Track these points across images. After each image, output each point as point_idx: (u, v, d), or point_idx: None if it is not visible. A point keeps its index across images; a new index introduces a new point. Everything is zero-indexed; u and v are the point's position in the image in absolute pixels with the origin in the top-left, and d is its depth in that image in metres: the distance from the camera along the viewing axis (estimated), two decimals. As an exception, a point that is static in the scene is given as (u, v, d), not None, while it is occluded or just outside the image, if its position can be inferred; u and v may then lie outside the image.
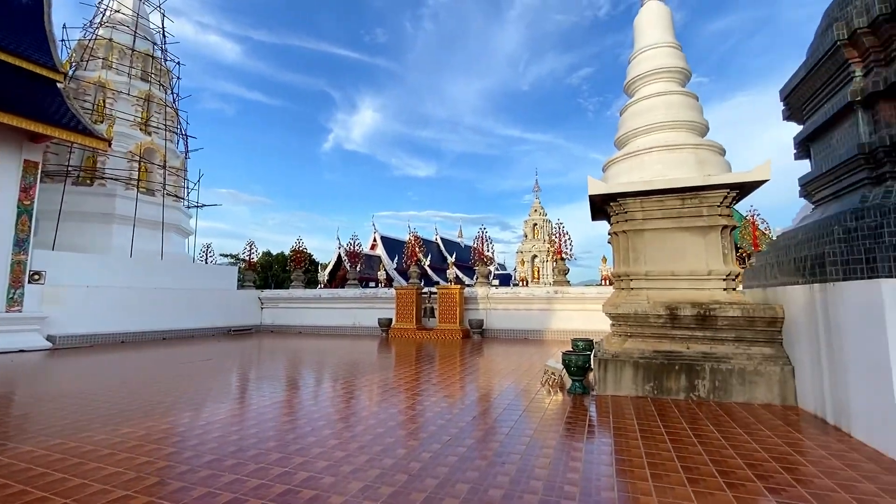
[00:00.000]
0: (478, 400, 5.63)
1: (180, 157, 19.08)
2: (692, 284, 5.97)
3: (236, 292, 18.33)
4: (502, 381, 6.91)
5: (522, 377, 7.17)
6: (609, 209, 6.65)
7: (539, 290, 14.96)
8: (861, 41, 5.55)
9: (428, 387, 6.45)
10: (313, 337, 15.76)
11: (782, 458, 3.54)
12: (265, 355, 10.27)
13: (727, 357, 5.51)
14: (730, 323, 5.59)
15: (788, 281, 5.96)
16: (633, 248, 6.27)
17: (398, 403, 5.44)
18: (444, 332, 14.40)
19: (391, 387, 6.44)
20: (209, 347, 11.86)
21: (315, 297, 17.94)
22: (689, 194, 6.00)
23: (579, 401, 5.51)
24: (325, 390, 6.29)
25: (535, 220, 38.45)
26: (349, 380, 7.03)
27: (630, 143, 6.76)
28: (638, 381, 5.71)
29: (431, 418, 4.75)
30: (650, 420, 4.64)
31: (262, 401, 5.60)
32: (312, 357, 9.90)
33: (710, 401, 5.42)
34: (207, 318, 16.34)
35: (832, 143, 6.33)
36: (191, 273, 16.79)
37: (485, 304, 15.41)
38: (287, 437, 4.10)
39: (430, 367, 8.27)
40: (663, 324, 5.86)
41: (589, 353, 5.95)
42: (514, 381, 6.81)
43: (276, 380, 7.11)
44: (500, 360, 9.14)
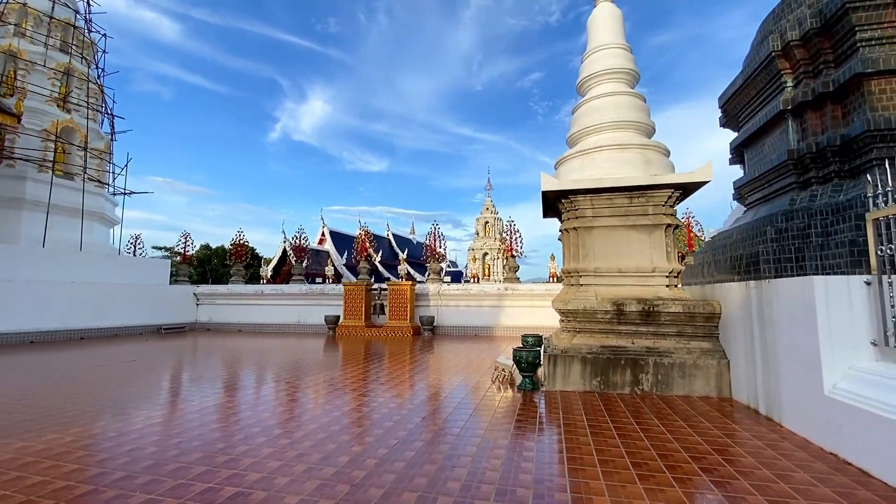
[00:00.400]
0: (427, 399, 5.44)
1: (105, 138, 17.36)
2: (638, 281, 6.12)
3: (169, 288, 16.98)
4: (452, 378, 6.77)
5: (473, 374, 7.07)
6: (561, 206, 6.68)
7: (490, 287, 15.03)
8: (793, 53, 5.89)
9: (375, 386, 6.18)
10: (254, 335, 14.90)
11: (724, 449, 3.64)
12: (198, 355, 9.51)
13: (669, 351, 5.69)
14: (672, 318, 5.78)
15: (725, 278, 6.25)
16: (583, 244, 6.34)
17: (343, 406, 5.14)
18: (395, 330, 14.11)
19: (336, 387, 6.11)
20: (135, 347, 10.83)
21: (256, 294, 17.00)
22: (637, 193, 6.13)
23: (529, 397, 5.48)
24: (263, 393, 5.84)
25: (486, 219, 38.91)
26: (290, 381, 6.60)
27: (581, 141, 6.82)
28: (586, 376, 5.76)
29: (378, 420, 4.50)
30: (598, 415, 4.67)
31: (191, 406, 5.09)
32: (252, 357, 9.29)
33: (653, 394, 5.57)
34: (135, 316, 15.00)
35: (764, 149, 6.71)
36: (116, 266, 15.33)
37: (436, 301, 15.27)
38: (216, 447, 3.70)
39: (378, 366, 7.98)
40: (610, 319, 5.95)
41: (539, 349, 5.94)
42: (465, 379, 6.69)
43: (208, 382, 6.55)
44: (450, 357, 9.02)
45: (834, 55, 5.61)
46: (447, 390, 5.91)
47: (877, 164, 5.00)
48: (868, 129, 4.95)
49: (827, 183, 5.52)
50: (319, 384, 6.33)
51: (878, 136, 4.96)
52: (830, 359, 3.61)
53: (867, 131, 4.96)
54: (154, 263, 17.30)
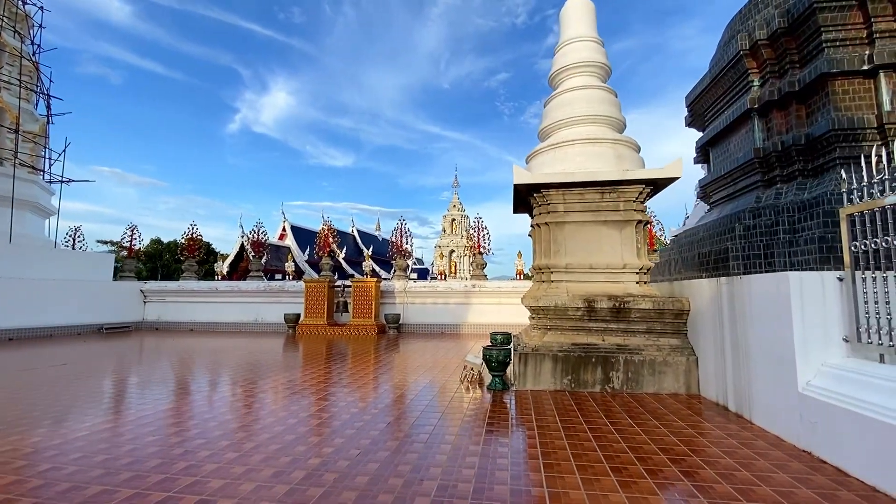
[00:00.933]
0: (392, 403, 5.12)
1: (40, 120, 15.85)
2: (608, 277, 6.03)
3: (112, 284, 15.75)
4: (419, 379, 6.47)
5: (440, 374, 6.81)
6: (532, 200, 6.51)
7: (457, 284, 14.82)
8: (760, 52, 5.94)
9: (337, 389, 5.80)
10: (208, 335, 14.03)
11: (700, 450, 3.53)
12: (140, 358, 8.75)
13: (639, 349, 5.62)
14: (642, 315, 5.72)
15: (693, 275, 6.26)
16: (555, 240, 6.19)
17: (300, 412, 4.74)
18: (359, 328, 13.65)
19: (294, 391, 5.68)
20: (70, 349, 9.88)
21: (211, 290, 16.05)
22: (608, 188, 6.04)
23: (500, 398, 5.26)
24: (211, 399, 5.34)
25: (453, 216, 38.74)
26: (243, 384, 6.11)
27: (553, 134, 6.68)
28: (557, 374, 5.61)
29: (340, 428, 4.15)
30: (570, 415, 4.50)
31: (125, 418, 4.55)
32: (202, 358, 8.63)
33: (623, 392, 5.49)
34: (73, 315, 13.79)
35: (730, 148, 6.78)
36: (51, 260, 14.03)
37: (402, 299, 14.90)
38: (147, 466, 3.24)
39: (340, 367, 7.57)
40: (581, 316, 5.83)
41: (509, 348, 5.74)
42: (432, 379, 6.41)
43: (148, 388, 5.95)
44: (417, 356, 8.72)
45: (800, 55, 5.69)
46: (413, 392, 5.61)
47: (840, 162, 5.10)
48: (832, 128, 5.03)
49: (791, 181, 5.61)
50: (275, 388, 5.87)
51: (841, 136, 5.05)
52: (804, 355, 3.58)
53: (831, 130, 5.04)
54: (95, 258, 16.00)
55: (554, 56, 7.18)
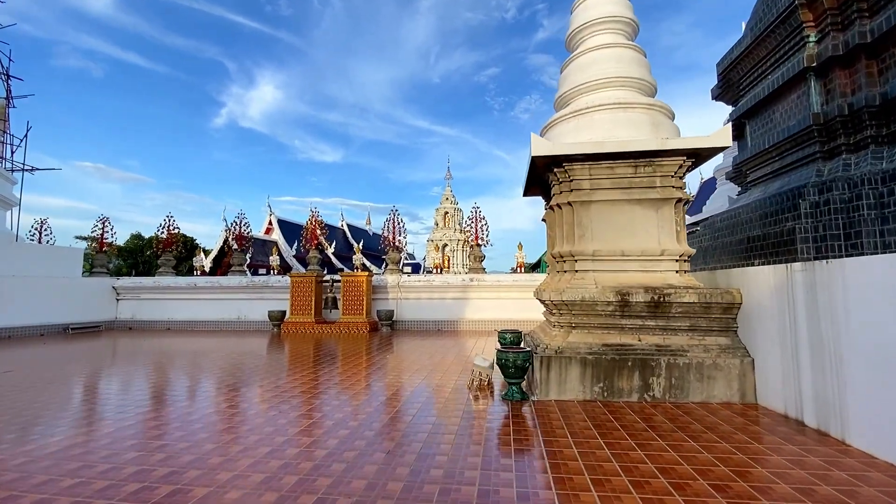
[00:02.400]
0: (391, 422, 4.18)
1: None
2: (644, 266, 5.14)
3: (81, 280, 14.54)
4: (420, 386, 5.54)
5: (443, 379, 5.88)
6: (551, 177, 5.59)
7: (454, 278, 13.89)
8: (819, 2, 5.07)
9: (325, 401, 4.84)
10: (186, 334, 12.94)
11: (806, 488, 2.65)
12: (99, 364, 7.68)
13: (683, 349, 4.75)
14: (685, 310, 4.85)
15: (737, 262, 5.41)
16: (579, 222, 5.28)
17: (280, 433, 3.78)
18: (349, 326, 12.66)
19: (275, 404, 4.72)
20: (24, 352, 8.76)
21: (189, 286, 14.92)
22: (643, 160, 5.14)
23: (520, 411, 4.36)
24: (175, 413, 4.35)
25: (446, 209, 37.71)
26: (218, 395, 5.12)
27: (575, 100, 5.75)
28: (586, 381, 4.72)
29: (326, 462, 3.20)
30: (612, 433, 3.60)
31: (63, 439, 3.55)
32: (174, 362, 7.60)
33: (665, 401, 4.62)
34: (35, 314, 12.60)
35: (775, 118, 5.92)
36: (10, 255, 12.79)
37: (395, 294, 13.94)
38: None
39: (329, 371, 6.61)
40: (612, 312, 4.95)
41: (528, 351, 4.83)
42: (436, 387, 5.49)
43: (103, 402, 4.94)
44: (414, 358, 7.78)
45: (868, 2, 4.83)
46: (415, 406, 4.68)
47: (928, 125, 4.25)
48: (921, 83, 4.18)
49: (862, 150, 4.75)
50: (251, 400, 4.89)
51: (931, 92, 4.20)
52: (942, 362, 2.71)
53: (919, 86, 4.19)
54: (62, 252, 14.75)
55: (572, 13, 6.25)
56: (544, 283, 6.24)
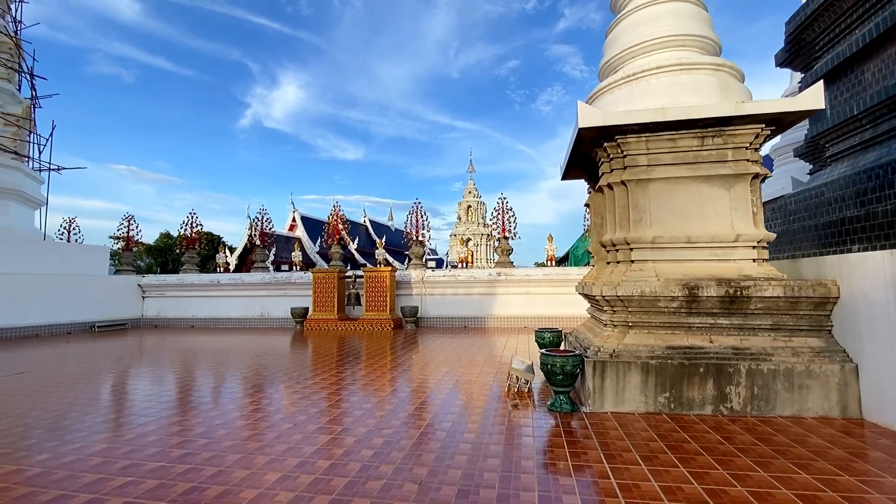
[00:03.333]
0: (421, 438, 3.59)
1: (23, 102, 14.61)
2: (714, 254, 4.38)
3: (107, 278, 14.56)
4: (451, 393, 4.94)
5: (476, 384, 5.26)
6: (599, 154, 4.86)
7: (481, 273, 13.24)
8: (932, -71, 4.16)
9: (346, 412, 4.29)
10: (209, 332, 12.74)
11: None
12: (123, 363, 7.38)
13: (766, 353, 3.99)
14: (766, 306, 4.07)
15: (826, 249, 4.57)
16: (635, 205, 4.55)
17: (298, 451, 3.24)
18: (372, 322, 12.18)
19: (293, 411, 4.19)
20: (46, 352, 8.60)
21: (212, 284, 14.75)
22: (712, 130, 4.36)
23: (570, 426, 3.70)
24: (200, 417, 3.88)
25: (469, 203, 36.91)
26: (245, 398, 4.65)
27: (626, 65, 5.00)
28: (648, 390, 4.02)
29: (347, 496, 2.63)
30: (688, 455, 2.91)
31: (59, 459, 3.10)
32: (194, 361, 7.23)
33: (747, 414, 3.88)
34: (62, 312, 12.60)
35: (865, 79, 5.02)
36: (38, 253, 12.83)
37: (419, 289, 13.39)
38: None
39: (352, 373, 6.09)
40: (677, 308, 4.21)
41: (579, 355, 4.15)
42: (468, 394, 4.87)
43: (115, 413, 4.53)
44: (442, 359, 7.19)
45: None
46: (448, 418, 4.07)
47: None
48: None
49: None
50: (269, 407, 4.39)
51: None
52: None
53: None
54: (89, 250, 14.80)
55: (618, -32, 5.47)
56: (590, 275, 5.53)
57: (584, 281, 5.45)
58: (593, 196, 5.53)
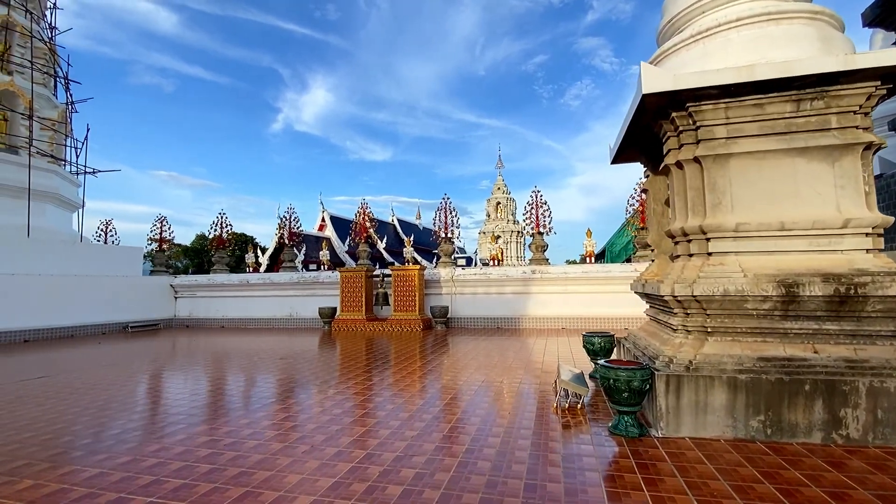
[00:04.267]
0: (458, 470, 2.98)
1: (59, 107, 14.91)
2: (816, 244, 3.57)
3: (141, 279, 14.69)
4: (490, 407, 4.32)
5: (517, 395, 4.61)
6: (665, 127, 4.11)
7: (514, 271, 12.54)
8: None
9: (373, 431, 3.74)
10: (238, 332, 12.59)
11: None
12: (144, 367, 7.12)
13: (892, 367, 3.17)
14: (887, 307, 3.25)
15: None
16: (712, 185, 3.78)
17: (330, 469, 2.69)
18: (401, 323, 11.69)
19: (317, 426, 3.67)
20: (75, 353, 8.50)
21: (242, 283, 14.65)
22: (810, 92, 3.55)
23: (641, 453, 3.01)
24: (212, 433, 3.42)
25: (497, 199, 36.01)
26: (265, 406, 4.18)
27: (694, 22, 4.22)
28: (737, 412, 3.27)
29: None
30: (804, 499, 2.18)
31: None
32: (222, 364, 6.90)
33: (868, 444, 3.08)
34: (96, 313, 12.73)
35: None
36: (73, 255, 12.99)
37: (449, 288, 12.81)
38: None
39: (381, 378, 5.56)
40: (770, 311, 3.44)
41: (648, 369, 3.44)
42: (509, 408, 4.23)
43: (131, 431, 4.14)
44: (476, 364, 6.57)
45: None
46: (490, 441, 3.44)
47: None
48: None
49: None
50: (290, 418, 3.89)
51: None
52: None
53: None
54: (123, 252, 14.96)
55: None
56: (650, 271, 4.78)
57: (642, 278, 4.70)
58: (652, 180, 4.77)
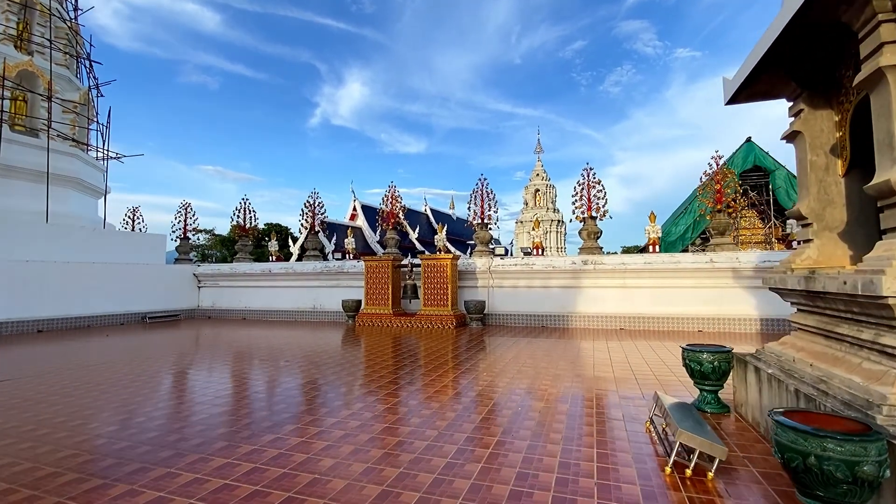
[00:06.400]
0: None
1: (81, 89, 14.42)
2: None
3: (163, 268, 14.10)
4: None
5: (597, 437, 3.14)
6: (854, 23, 2.48)
7: (561, 261, 10.93)
8: None
9: (396, 475, 2.38)
10: (260, 325, 11.68)
11: None
12: (145, 365, 6.10)
13: None
14: None
15: None
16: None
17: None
18: (431, 319, 10.36)
19: (322, 469, 2.37)
20: (74, 346, 7.68)
21: (264, 273, 13.77)
22: None
23: None
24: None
25: (537, 186, 33.93)
26: (275, 427, 2.94)
27: None
28: None
29: None
30: None
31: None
32: (233, 366, 5.79)
33: None
34: (116, 302, 12.14)
35: None
36: (94, 242, 12.44)
37: (486, 281, 11.37)
38: None
39: (408, 391, 4.22)
40: None
41: (883, 440, 1.89)
42: (591, 465, 2.78)
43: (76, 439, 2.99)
44: (525, 378, 5.12)
45: None
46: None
47: None
48: None
49: None
50: (287, 452, 2.60)
51: None
52: None
53: None
54: (146, 238, 14.40)
55: None
56: (808, 257, 3.15)
57: (793, 267, 3.09)
58: (808, 118, 3.13)
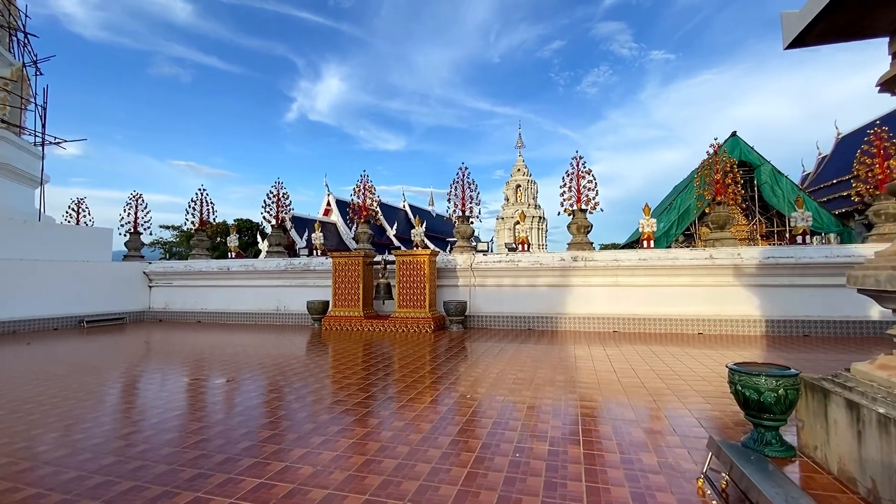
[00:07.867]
0: None
1: (14, 64, 12.80)
2: None
3: (109, 265, 12.66)
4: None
5: (613, 485, 2.22)
6: None
7: (548, 258, 10.06)
8: None
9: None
10: (216, 328, 10.46)
11: None
12: (55, 382, 4.89)
13: None
14: None
15: None
16: None
17: None
18: (407, 322, 9.35)
19: None
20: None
21: (222, 271, 12.49)
22: None
23: None
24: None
25: (518, 181, 33.20)
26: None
27: None
28: None
29: None
30: None
31: None
32: (169, 383, 4.65)
33: None
34: (50, 304, 10.70)
35: None
36: (26, 236, 10.95)
37: (467, 279, 10.42)
38: None
39: (378, 419, 3.22)
40: None
41: None
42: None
43: None
44: (514, 393, 4.17)
45: None
46: None
47: None
48: None
49: None
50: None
51: None
52: None
53: None
54: (90, 233, 12.92)
55: None
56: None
57: (889, 262, 2.23)
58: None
